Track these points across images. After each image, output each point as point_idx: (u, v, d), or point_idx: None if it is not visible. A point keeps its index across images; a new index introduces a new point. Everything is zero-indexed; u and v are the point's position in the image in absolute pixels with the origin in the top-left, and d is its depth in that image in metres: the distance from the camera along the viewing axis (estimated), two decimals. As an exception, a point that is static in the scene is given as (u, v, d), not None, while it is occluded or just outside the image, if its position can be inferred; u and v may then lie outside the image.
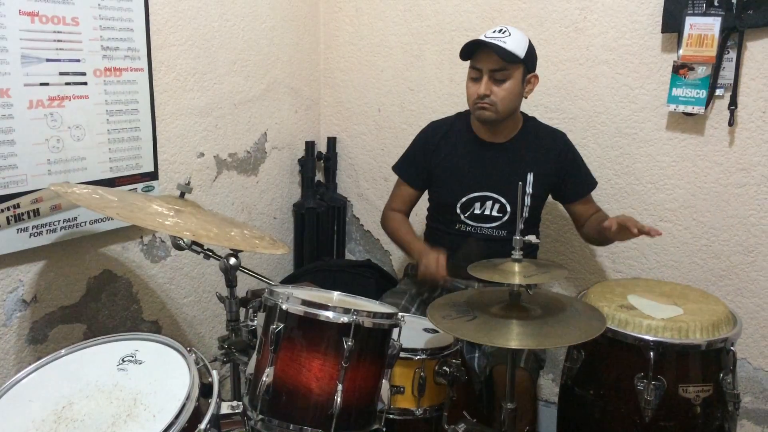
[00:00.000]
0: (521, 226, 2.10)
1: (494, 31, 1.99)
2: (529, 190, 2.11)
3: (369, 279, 2.66)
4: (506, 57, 1.95)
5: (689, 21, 2.12)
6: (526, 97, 2.09)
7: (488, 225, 2.13)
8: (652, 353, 1.70)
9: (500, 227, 2.12)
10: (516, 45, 1.97)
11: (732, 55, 2.11)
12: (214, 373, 1.28)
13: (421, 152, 2.23)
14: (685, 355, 1.73)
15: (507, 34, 1.98)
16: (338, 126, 2.88)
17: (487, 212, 2.13)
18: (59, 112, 1.79)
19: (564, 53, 2.37)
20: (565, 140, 2.19)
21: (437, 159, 2.19)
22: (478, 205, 2.13)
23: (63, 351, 1.37)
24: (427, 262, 2.01)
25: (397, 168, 2.30)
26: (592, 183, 2.21)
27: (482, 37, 1.98)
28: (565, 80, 2.39)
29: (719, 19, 2.08)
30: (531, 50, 2.03)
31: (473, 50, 2.00)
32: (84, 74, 1.84)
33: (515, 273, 1.55)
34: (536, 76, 2.08)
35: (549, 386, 2.61)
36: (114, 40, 1.91)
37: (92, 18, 1.84)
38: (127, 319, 2.11)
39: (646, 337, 1.72)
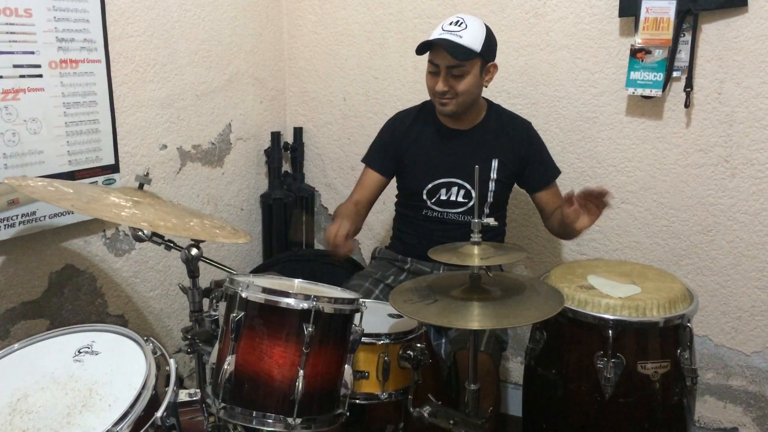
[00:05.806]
0: (486, 210, 2.15)
1: (451, 23, 1.96)
2: (493, 175, 2.12)
3: (339, 268, 2.66)
4: (461, 56, 1.93)
5: (645, 4, 2.15)
6: (486, 86, 2.09)
7: (454, 210, 2.14)
8: (610, 331, 1.73)
9: (466, 212, 2.13)
10: (472, 39, 1.95)
11: (687, 37, 2.14)
12: (172, 361, 1.28)
13: (390, 140, 2.22)
14: (643, 333, 1.76)
15: (463, 26, 1.95)
16: (304, 116, 2.87)
17: (453, 198, 2.14)
18: (14, 105, 1.76)
19: (525, 39, 2.39)
20: (530, 129, 2.20)
21: (405, 147, 2.19)
22: (444, 191, 2.14)
23: (16, 345, 1.36)
24: (327, 232, 1.93)
25: (366, 159, 2.27)
26: (554, 172, 2.21)
27: (439, 33, 1.96)
28: (527, 66, 2.41)
29: (674, 2, 2.11)
30: (489, 40, 2.00)
31: (428, 47, 1.98)
32: (39, 66, 1.81)
33: (473, 255, 1.57)
34: (495, 66, 2.07)
35: (519, 369, 2.63)
36: (69, 32, 1.88)
37: (46, 9, 1.81)
38: (92, 314, 2.09)
39: (605, 315, 1.75)
